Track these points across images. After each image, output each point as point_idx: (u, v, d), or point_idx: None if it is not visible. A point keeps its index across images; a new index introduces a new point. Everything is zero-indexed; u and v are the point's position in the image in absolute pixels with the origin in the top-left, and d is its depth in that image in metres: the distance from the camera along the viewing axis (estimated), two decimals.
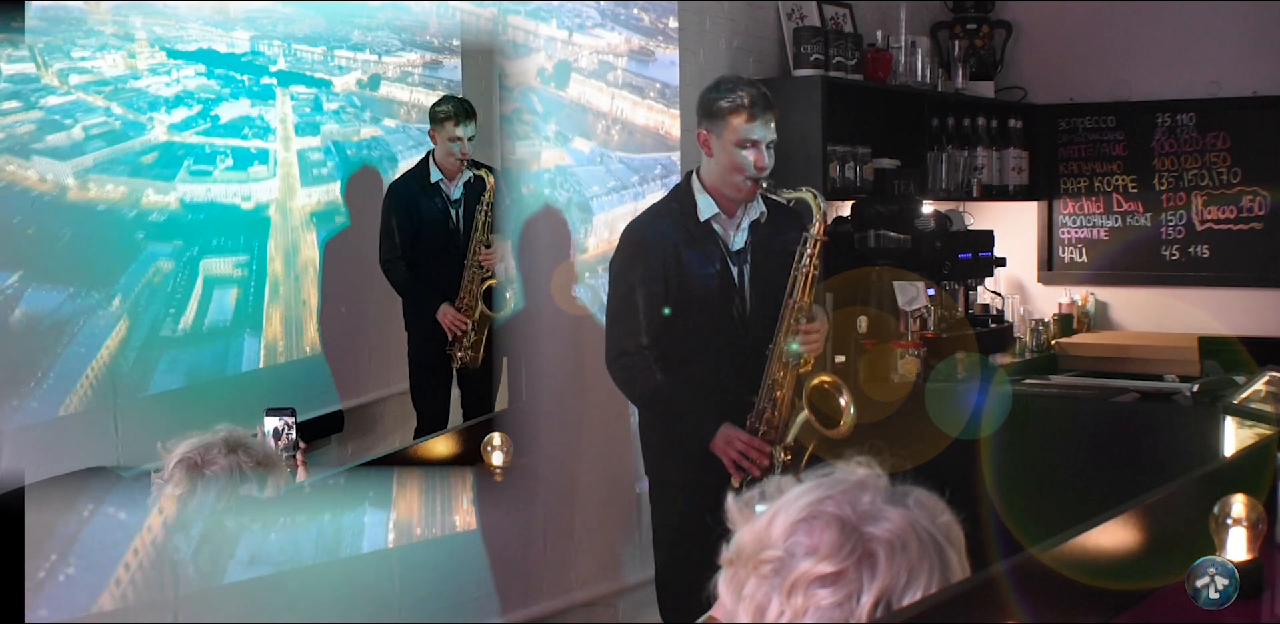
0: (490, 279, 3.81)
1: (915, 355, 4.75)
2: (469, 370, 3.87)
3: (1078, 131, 5.95)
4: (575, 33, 4.13)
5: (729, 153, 3.15)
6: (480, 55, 3.95)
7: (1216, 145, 5.67)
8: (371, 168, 3.79)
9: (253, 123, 3.52)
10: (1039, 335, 5.55)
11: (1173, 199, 5.78)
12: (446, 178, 3.77)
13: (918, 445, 4.00)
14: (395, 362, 3.87)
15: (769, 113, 3.16)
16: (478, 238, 3.78)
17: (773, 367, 3.12)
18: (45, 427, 2.96)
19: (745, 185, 3.16)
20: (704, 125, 3.20)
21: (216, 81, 3.43)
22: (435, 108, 3.75)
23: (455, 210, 3.80)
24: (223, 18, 3.44)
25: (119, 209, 3.20)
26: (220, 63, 3.44)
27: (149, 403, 3.18)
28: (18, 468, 2.76)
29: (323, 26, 3.66)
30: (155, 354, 3.23)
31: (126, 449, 3.07)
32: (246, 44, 3.49)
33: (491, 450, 3.58)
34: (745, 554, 1.30)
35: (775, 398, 3.12)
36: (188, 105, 3.36)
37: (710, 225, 3.20)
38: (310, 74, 3.62)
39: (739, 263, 3.22)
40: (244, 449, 2.32)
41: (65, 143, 3.09)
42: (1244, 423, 3.70)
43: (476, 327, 3.81)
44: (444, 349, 3.82)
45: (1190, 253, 5.75)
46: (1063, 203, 5.99)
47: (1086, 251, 5.96)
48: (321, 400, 3.69)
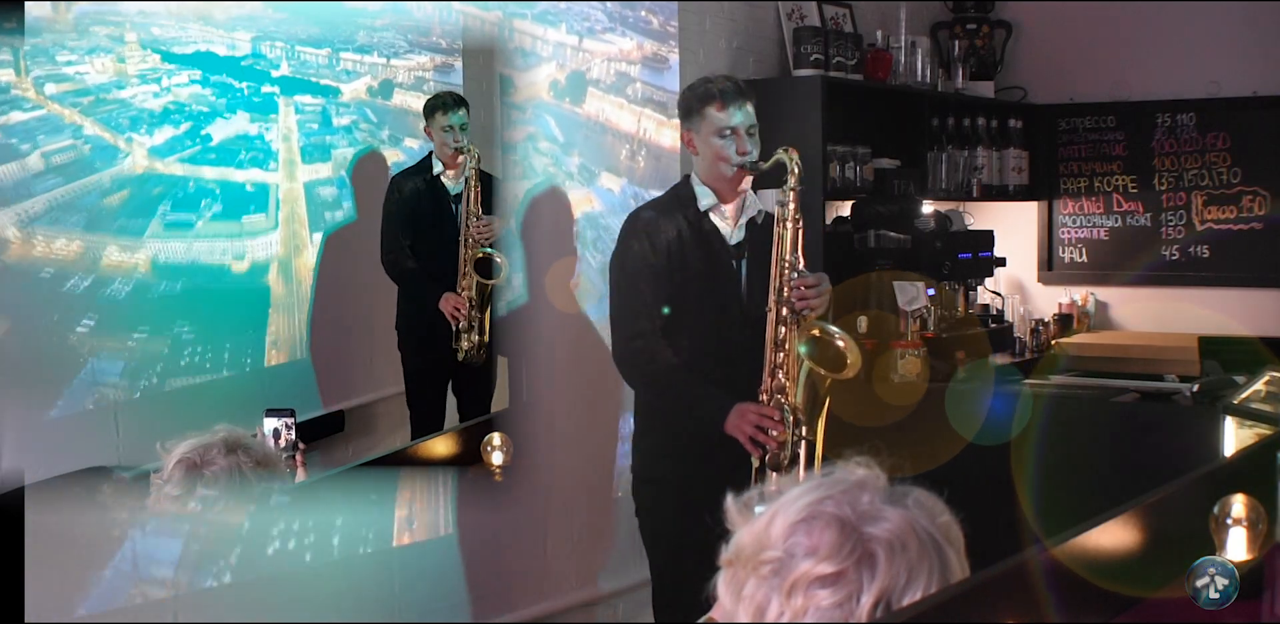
0: (481, 251, 3.80)
1: (915, 355, 4.75)
2: (465, 372, 3.85)
3: (1078, 131, 5.95)
4: (585, 38, 4.13)
5: (711, 145, 3.19)
6: (483, 60, 3.93)
7: (1216, 145, 5.68)
8: (379, 154, 3.76)
9: (251, 143, 3.23)
10: (1039, 335, 5.56)
11: (1173, 199, 5.78)
12: (446, 170, 3.78)
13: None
14: (396, 362, 3.86)
15: (741, 99, 3.19)
16: (469, 209, 3.79)
17: (773, 330, 3.10)
18: (45, 426, 2.95)
19: (731, 173, 3.19)
20: (685, 125, 3.26)
21: (212, 91, 3.11)
22: (425, 104, 3.78)
23: (456, 204, 3.81)
24: (224, 17, 3.25)
25: (67, 274, 2.71)
26: (218, 67, 3.15)
27: (149, 403, 3.17)
28: (18, 468, 2.76)
29: (327, 27, 3.59)
30: (156, 354, 3.21)
31: (126, 449, 3.06)
32: (247, 46, 3.30)
33: (491, 450, 3.58)
34: (744, 555, 1.30)
35: (780, 362, 3.10)
36: (174, 123, 3.04)
37: (710, 218, 3.23)
38: (315, 80, 3.53)
39: (738, 256, 3.24)
40: (244, 450, 2.32)
41: (15, 177, 2.67)
42: (1244, 423, 3.70)
43: (476, 305, 3.80)
44: (438, 349, 3.80)
45: (1190, 253, 5.75)
46: (1063, 203, 6.00)
47: (1086, 251, 5.96)
48: (348, 392, 3.68)
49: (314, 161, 3.51)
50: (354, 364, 3.84)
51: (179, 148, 3.04)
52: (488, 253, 3.80)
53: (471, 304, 3.80)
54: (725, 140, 3.18)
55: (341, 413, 3.70)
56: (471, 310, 3.80)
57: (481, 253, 3.79)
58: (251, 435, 2.53)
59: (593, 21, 4.17)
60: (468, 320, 3.79)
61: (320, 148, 3.53)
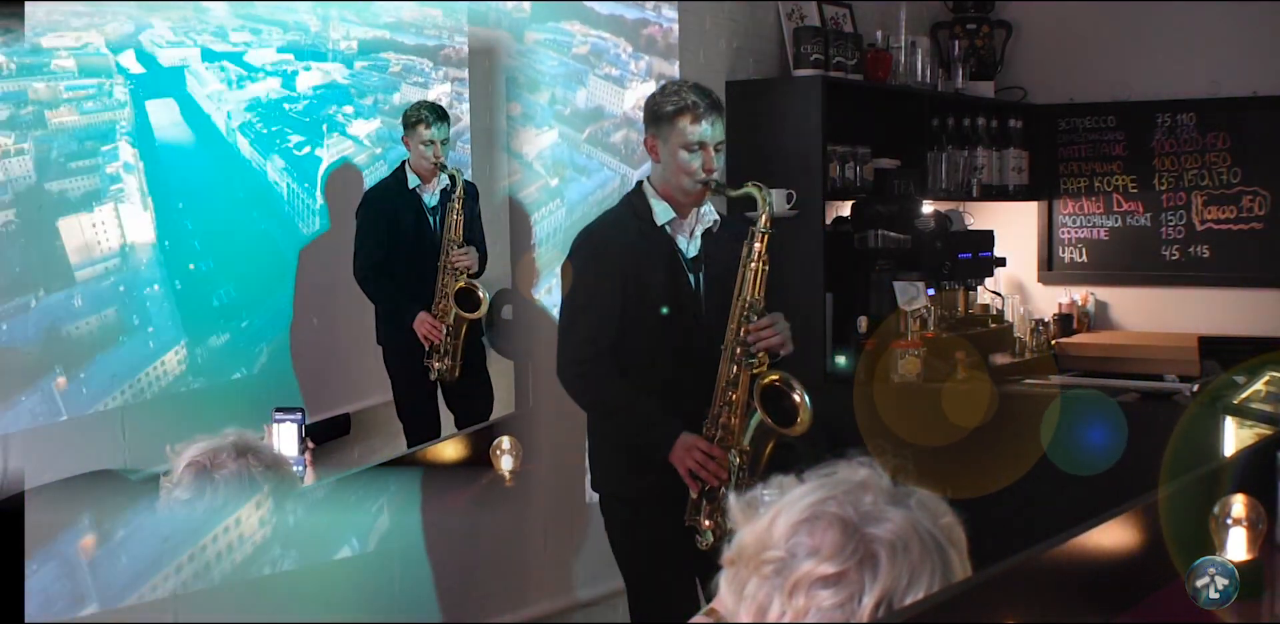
0: (461, 281, 3.75)
1: (915, 355, 4.75)
2: (449, 383, 3.81)
3: (1078, 131, 5.95)
4: (586, 38, 4.12)
5: (676, 156, 3.08)
6: (486, 61, 3.93)
7: (1216, 145, 5.68)
8: (354, 167, 3.73)
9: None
10: (1039, 335, 5.56)
11: (1173, 199, 5.78)
12: (423, 183, 3.73)
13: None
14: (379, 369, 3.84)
15: (715, 114, 3.09)
16: (450, 238, 3.73)
17: (726, 368, 3.03)
18: (52, 429, 2.95)
19: (695, 188, 3.09)
20: (650, 130, 3.14)
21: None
22: (406, 113, 3.72)
23: (433, 217, 3.76)
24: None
25: None
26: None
27: (156, 406, 3.17)
28: (21, 469, 2.77)
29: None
30: (162, 354, 3.22)
31: (134, 452, 3.06)
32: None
33: (500, 454, 3.55)
34: (747, 554, 1.31)
35: (731, 400, 3.02)
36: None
37: (665, 231, 3.14)
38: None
39: (694, 270, 3.14)
40: (253, 453, 2.32)
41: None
42: (1244, 423, 3.70)
43: (452, 332, 3.76)
44: (422, 364, 3.77)
45: (1190, 253, 5.75)
46: (1063, 203, 6.00)
47: (1086, 251, 5.96)
48: (332, 402, 3.67)
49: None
50: (357, 367, 3.84)
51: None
52: (470, 283, 3.75)
53: (448, 331, 3.75)
54: (692, 154, 3.06)
55: (348, 416, 3.70)
56: (447, 337, 3.75)
57: (463, 282, 3.74)
58: (260, 437, 2.53)
59: (593, 21, 4.17)
60: (443, 346, 3.75)
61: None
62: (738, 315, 3.02)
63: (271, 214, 3.53)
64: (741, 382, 3.01)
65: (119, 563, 2.76)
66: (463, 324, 3.76)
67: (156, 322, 3.20)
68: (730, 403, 3.02)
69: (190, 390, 3.24)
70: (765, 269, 3.01)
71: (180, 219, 3.28)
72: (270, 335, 3.49)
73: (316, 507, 3.03)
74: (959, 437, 4.31)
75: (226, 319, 3.39)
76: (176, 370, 3.23)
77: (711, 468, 2.99)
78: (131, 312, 3.14)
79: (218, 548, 2.55)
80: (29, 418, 2.89)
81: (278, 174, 3.51)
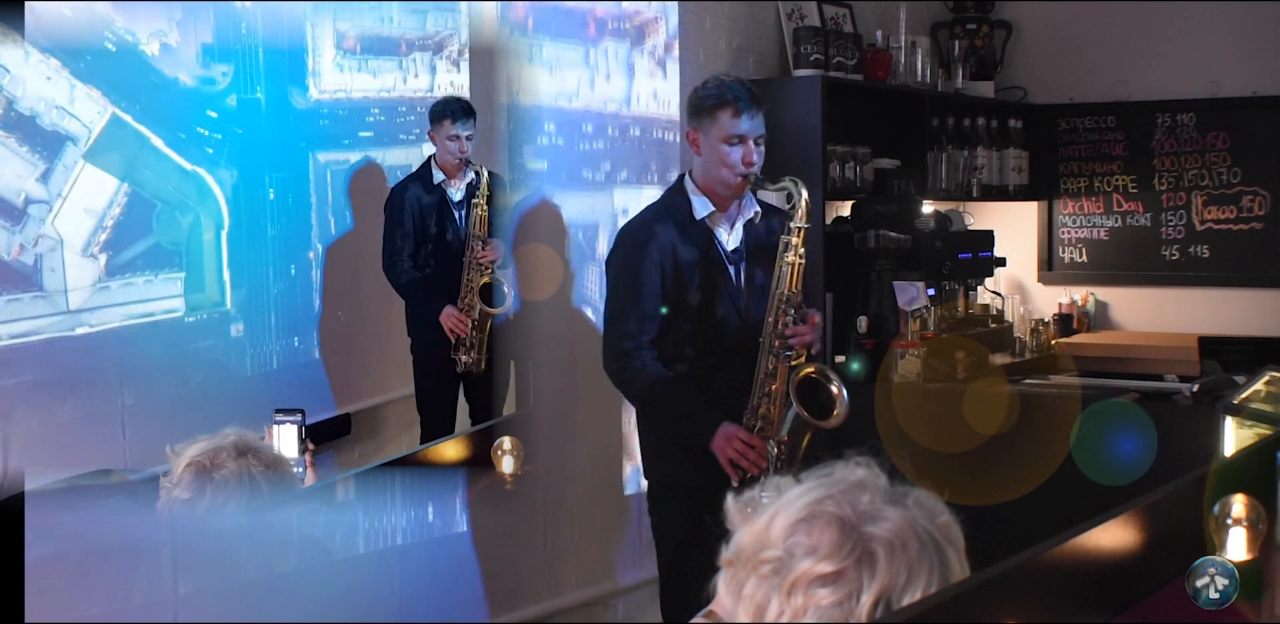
0: (486, 276, 3.79)
1: (915, 355, 4.75)
2: (474, 376, 3.85)
3: (1078, 131, 5.95)
4: (585, 38, 4.13)
5: (717, 149, 3.15)
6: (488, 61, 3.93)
7: (1216, 145, 5.68)
8: (375, 165, 3.76)
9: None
10: (1039, 335, 5.56)
11: (1173, 199, 5.78)
12: (449, 179, 3.75)
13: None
14: (401, 365, 3.86)
15: (755, 108, 3.16)
16: (475, 234, 3.76)
17: (764, 360, 3.11)
18: (53, 429, 2.95)
19: (735, 181, 3.16)
20: (693, 124, 3.22)
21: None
22: (433, 108, 3.75)
23: (458, 212, 3.79)
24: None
25: None
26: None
27: (156, 406, 3.17)
28: (19, 469, 2.77)
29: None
30: (162, 355, 3.22)
31: (134, 452, 3.07)
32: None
33: (502, 455, 3.56)
34: (745, 554, 1.31)
35: (769, 391, 3.11)
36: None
37: (705, 224, 3.21)
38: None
39: (735, 262, 3.22)
40: (254, 453, 2.32)
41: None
42: (1244, 423, 3.70)
43: (477, 325, 3.80)
44: (449, 353, 3.81)
45: (1190, 253, 5.75)
46: (1063, 203, 6.00)
47: (1086, 251, 5.96)
48: (331, 403, 3.68)
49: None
50: (358, 367, 3.84)
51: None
52: (495, 278, 3.79)
53: (473, 325, 3.79)
54: (732, 147, 3.14)
55: (348, 416, 3.70)
56: (472, 330, 3.79)
57: (488, 277, 3.78)
58: (260, 437, 2.52)
59: (593, 22, 4.17)
60: (469, 338, 3.79)
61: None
62: (775, 309, 3.11)
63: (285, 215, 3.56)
64: (780, 373, 3.10)
65: (119, 563, 2.76)
66: (487, 318, 3.80)
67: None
68: (769, 394, 3.11)
69: (190, 390, 3.25)
70: (801, 263, 3.11)
71: None
72: (271, 336, 3.49)
73: (316, 507, 3.03)
74: (978, 442, 4.30)
75: (228, 319, 3.39)
76: (176, 370, 3.23)
77: (751, 457, 3.08)
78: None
79: (218, 548, 2.55)
80: (30, 418, 2.89)
81: (274, 177, 3.53)
